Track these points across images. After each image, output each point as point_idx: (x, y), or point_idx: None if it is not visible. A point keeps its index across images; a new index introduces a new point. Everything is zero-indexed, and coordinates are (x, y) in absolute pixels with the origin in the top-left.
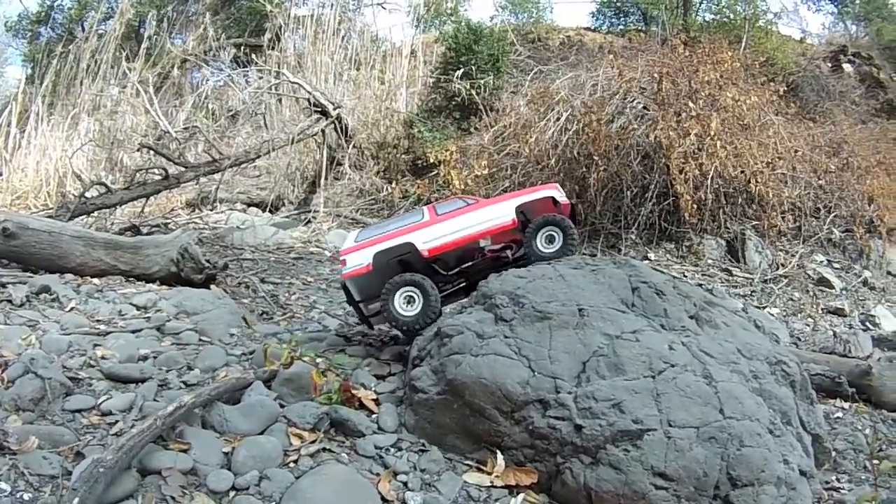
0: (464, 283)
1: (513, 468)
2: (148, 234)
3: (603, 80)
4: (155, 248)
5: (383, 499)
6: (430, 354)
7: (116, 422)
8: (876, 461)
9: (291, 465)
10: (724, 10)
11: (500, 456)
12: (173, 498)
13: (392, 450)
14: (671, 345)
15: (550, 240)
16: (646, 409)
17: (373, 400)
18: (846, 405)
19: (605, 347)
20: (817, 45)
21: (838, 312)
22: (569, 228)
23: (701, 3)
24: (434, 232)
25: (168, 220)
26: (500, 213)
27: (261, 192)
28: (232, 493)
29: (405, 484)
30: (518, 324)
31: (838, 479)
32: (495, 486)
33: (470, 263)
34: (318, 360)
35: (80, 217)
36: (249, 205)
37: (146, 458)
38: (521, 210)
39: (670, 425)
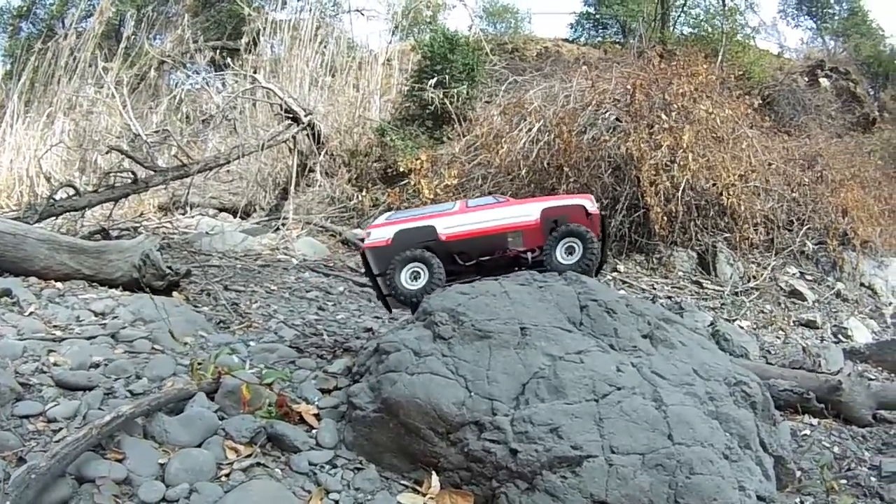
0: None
1: (449, 490)
2: (117, 237)
3: (576, 92)
4: (118, 254)
5: None
6: (370, 371)
7: (61, 429)
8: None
9: (223, 478)
10: (703, 23)
11: (435, 477)
12: None
13: (327, 467)
14: (619, 366)
15: (570, 251)
16: (586, 434)
17: (314, 415)
18: (815, 421)
19: (546, 369)
20: (795, 60)
21: (810, 325)
22: (589, 241)
23: (679, 16)
24: (457, 220)
25: (138, 225)
26: (525, 212)
27: (233, 198)
28: None
29: (336, 502)
30: (457, 342)
31: (802, 502)
32: None
33: (489, 258)
34: (251, 372)
35: (50, 219)
36: (221, 210)
37: (84, 466)
38: (549, 215)
39: (613, 452)
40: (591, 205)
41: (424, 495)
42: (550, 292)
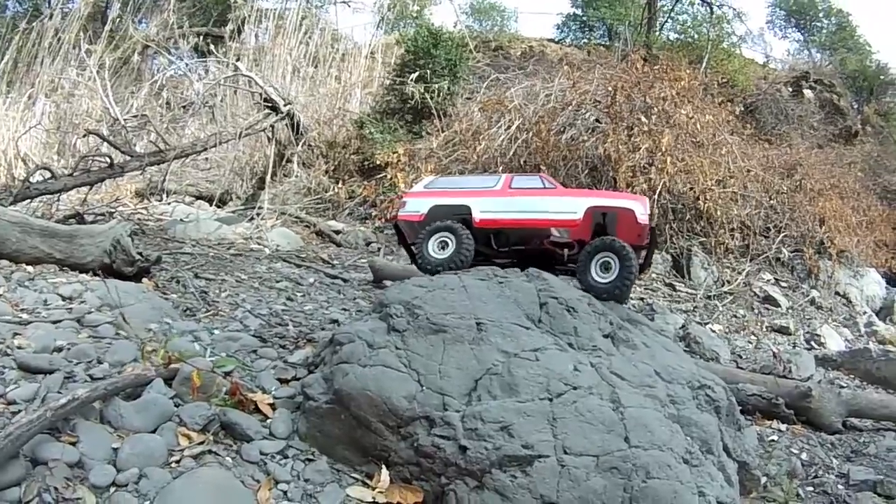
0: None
1: (399, 485)
2: (92, 222)
3: (557, 91)
4: (90, 238)
5: None
6: (324, 361)
7: (20, 411)
8: None
9: (173, 465)
10: (689, 30)
11: (384, 471)
12: (56, 489)
13: (278, 457)
14: (577, 365)
15: (606, 267)
16: (538, 433)
17: (269, 404)
18: (783, 427)
19: (500, 365)
20: (780, 70)
21: (783, 331)
22: (627, 258)
23: (666, 22)
24: (495, 204)
25: (113, 210)
26: (569, 207)
27: (210, 186)
28: (112, 489)
29: (285, 493)
30: (411, 335)
31: None
32: (377, 503)
33: (522, 248)
34: (210, 360)
35: (25, 202)
36: (198, 197)
37: (38, 449)
38: (596, 212)
39: (565, 452)
40: (641, 210)
41: (374, 489)
42: (510, 288)
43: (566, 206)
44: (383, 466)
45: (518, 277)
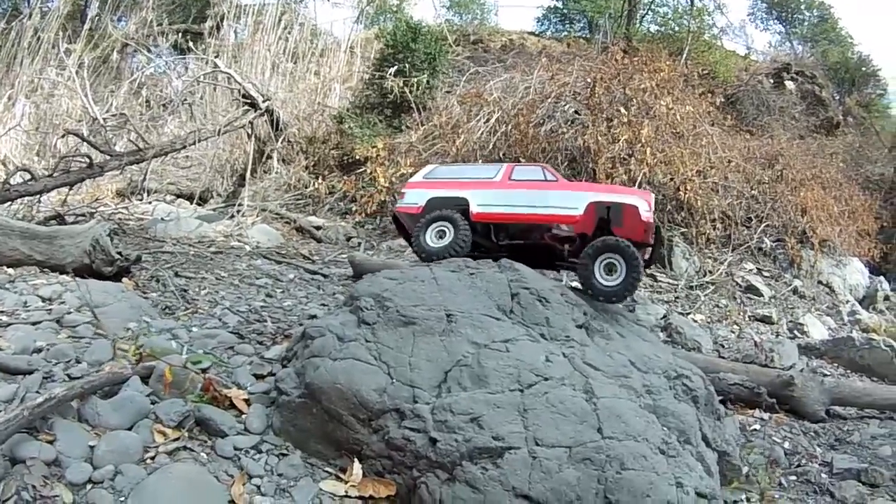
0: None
1: (372, 479)
2: (73, 223)
3: (536, 84)
4: (69, 239)
5: (232, 502)
6: (297, 356)
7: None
8: None
9: (148, 461)
10: (670, 22)
11: (357, 465)
12: (34, 487)
13: (251, 452)
14: (549, 356)
15: (610, 269)
16: (509, 425)
17: (244, 400)
18: (765, 416)
19: (469, 357)
20: (761, 62)
21: (765, 320)
22: (632, 257)
23: (646, 14)
24: (493, 197)
25: (94, 210)
26: (570, 202)
27: (191, 184)
28: (89, 486)
29: (258, 488)
30: (381, 328)
31: (748, 499)
32: (349, 497)
33: (521, 242)
34: (184, 357)
35: (6, 204)
36: (179, 196)
37: (16, 447)
38: (600, 206)
39: (537, 444)
40: (646, 207)
41: (347, 483)
42: (481, 279)
43: (566, 201)
44: (356, 460)
45: (490, 268)
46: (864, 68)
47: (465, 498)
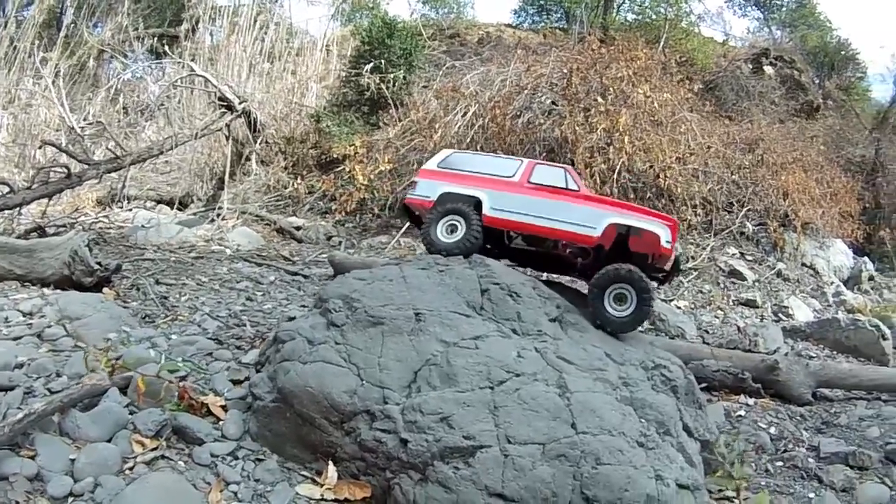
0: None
1: (348, 481)
2: (53, 234)
3: (513, 76)
4: (49, 252)
5: None
6: (269, 360)
7: None
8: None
9: (127, 472)
10: (647, 10)
11: (331, 467)
12: (17, 502)
13: (228, 458)
14: (521, 351)
15: (621, 299)
16: (479, 423)
17: (221, 406)
18: (751, 401)
19: (439, 356)
20: (740, 48)
21: (750, 304)
22: (644, 289)
23: (623, 3)
24: (510, 202)
25: (74, 221)
26: (588, 220)
27: (171, 189)
28: (70, 499)
29: (235, 494)
30: (350, 329)
31: (720, 489)
32: (325, 500)
33: (534, 249)
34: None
35: None
36: (159, 202)
37: None
38: (618, 228)
39: (509, 442)
40: (665, 237)
41: (322, 486)
42: (450, 276)
43: (585, 218)
44: (331, 463)
45: (459, 265)
46: (843, 52)
47: (438, 498)
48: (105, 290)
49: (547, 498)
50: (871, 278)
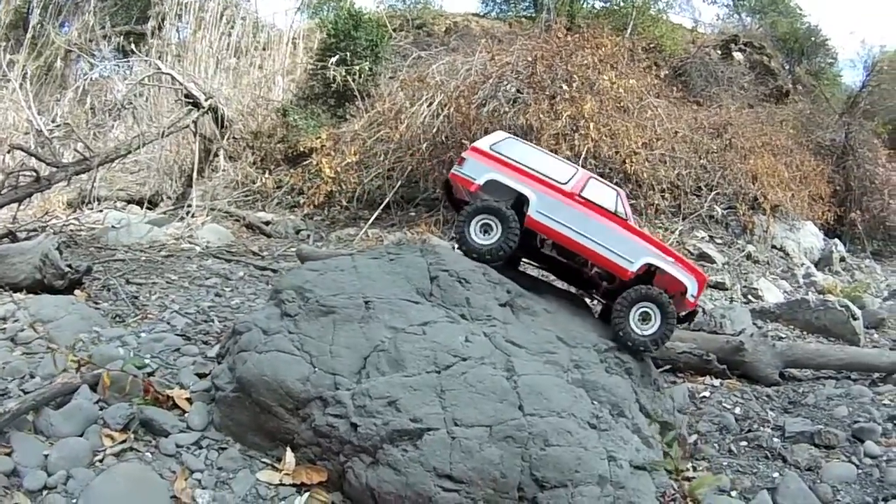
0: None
1: (305, 466)
2: (25, 239)
3: (478, 65)
4: (20, 256)
5: (175, 497)
6: (229, 351)
7: None
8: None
9: (97, 464)
10: None
11: (289, 453)
12: None
13: (192, 448)
14: (469, 336)
15: (646, 318)
16: (426, 407)
17: (186, 399)
18: (716, 382)
19: (387, 342)
20: (709, 34)
21: (719, 286)
22: (669, 310)
23: None
24: (559, 211)
25: (45, 224)
26: (630, 254)
27: (140, 188)
28: (45, 492)
29: (199, 482)
30: (302, 318)
31: (695, 468)
32: (284, 485)
33: (564, 259)
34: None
35: None
36: (129, 202)
37: None
38: (650, 266)
39: (455, 424)
40: (693, 291)
41: (281, 472)
42: (400, 264)
43: (627, 251)
44: (289, 449)
45: (410, 253)
46: (813, 38)
47: (388, 480)
48: (76, 292)
49: (496, 479)
50: (842, 259)
